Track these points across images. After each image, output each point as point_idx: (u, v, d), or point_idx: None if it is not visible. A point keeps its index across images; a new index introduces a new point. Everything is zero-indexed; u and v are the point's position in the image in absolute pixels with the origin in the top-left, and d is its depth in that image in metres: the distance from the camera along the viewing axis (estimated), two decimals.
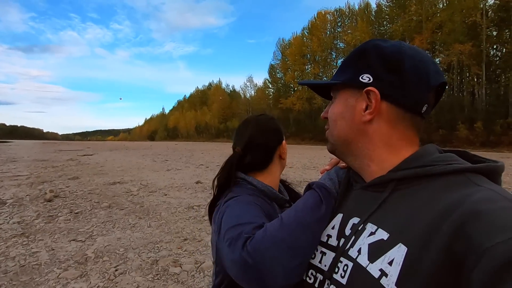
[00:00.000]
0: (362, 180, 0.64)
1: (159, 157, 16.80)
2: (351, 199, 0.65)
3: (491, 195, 0.44)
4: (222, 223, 0.71)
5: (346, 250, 0.55)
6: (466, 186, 0.48)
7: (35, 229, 3.99)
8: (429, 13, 29.56)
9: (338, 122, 0.62)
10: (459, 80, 30.75)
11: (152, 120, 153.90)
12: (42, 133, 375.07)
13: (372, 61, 0.58)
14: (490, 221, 0.39)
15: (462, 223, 0.41)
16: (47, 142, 64.17)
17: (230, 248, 0.62)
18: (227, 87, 77.77)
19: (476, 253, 0.37)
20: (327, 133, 0.66)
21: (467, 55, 25.67)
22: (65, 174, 9.19)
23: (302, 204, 0.64)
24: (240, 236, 0.62)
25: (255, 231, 0.62)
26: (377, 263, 0.49)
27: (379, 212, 0.55)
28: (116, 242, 3.55)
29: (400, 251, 0.46)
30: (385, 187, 0.57)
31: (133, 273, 2.80)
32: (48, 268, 2.86)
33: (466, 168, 0.51)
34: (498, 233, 0.37)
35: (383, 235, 0.51)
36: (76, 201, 5.64)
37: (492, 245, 0.36)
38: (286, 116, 46.01)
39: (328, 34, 42.69)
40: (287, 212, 0.64)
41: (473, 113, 25.85)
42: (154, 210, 5.03)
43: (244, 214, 0.70)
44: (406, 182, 0.55)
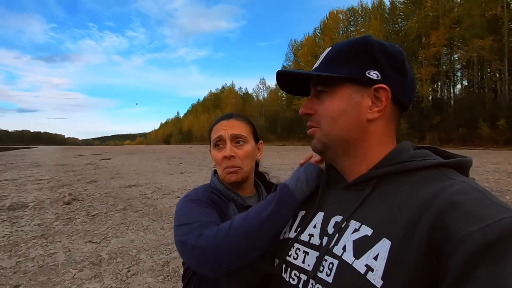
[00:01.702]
0: (343, 179, 0.64)
1: (174, 160, 17.09)
2: (332, 198, 0.65)
3: (464, 187, 0.46)
4: (174, 220, 0.80)
5: (330, 248, 0.55)
6: (441, 180, 0.50)
7: (53, 231, 4.15)
8: (446, 8, 28.58)
9: (339, 120, 0.58)
10: (479, 76, 29.54)
11: (167, 124, 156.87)
12: (64, 139, 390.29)
13: (378, 57, 0.57)
14: (465, 211, 0.42)
15: (440, 214, 0.44)
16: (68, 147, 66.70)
17: (181, 244, 0.70)
18: (240, 90, 78.31)
19: (453, 242, 0.40)
20: (318, 132, 0.61)
21: (488, 50, 24.57)
22: (83, 178, 9.50)
23: (255, 212, 0.67)
24: (188, 235, 0.69)
25: (203, 230, 0.68)
26: (362, 259, 0.49)
27: (361, 209, 0.56)
28: (129, 244, 3.64)
29: (384, 245, 0.48)
30: (366, 184, 0.58)
31: (144, 274, 2.85)
32: (64, 269, 2.96)
33: (440, 163, 0.54)
34: (472, 222, 0.40)
35: (367, 231, 0.51)
36: (93, 203, 5.82)
37: (468, 233, 0.39)
38: (299, 117, 45.52)
39: (341, 33, 42.11)
40: (238, 218, 0.67)
41: (495, 110, 24.68)
42: (167, 212, 5.11)
43: (192, 213, 0.76)
44: (387, 178, 0.56)
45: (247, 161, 0.89)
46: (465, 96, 29.56)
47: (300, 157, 0.94)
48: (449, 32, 28.32)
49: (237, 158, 0.87)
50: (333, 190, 0.66)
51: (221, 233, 0.65)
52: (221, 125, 0.92)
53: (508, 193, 5.57)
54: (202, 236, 0.66)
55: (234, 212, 0.85)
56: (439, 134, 26.48)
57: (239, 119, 0.94)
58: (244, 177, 0.89)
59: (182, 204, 0.83)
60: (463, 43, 27.91)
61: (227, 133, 0.89)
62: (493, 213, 0.40)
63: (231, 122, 0.92)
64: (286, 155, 18.36)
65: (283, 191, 0.68)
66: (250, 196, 0.95)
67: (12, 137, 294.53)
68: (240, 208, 0.87)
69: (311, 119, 0.62)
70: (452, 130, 25.94)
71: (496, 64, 25.55)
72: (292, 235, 0.67)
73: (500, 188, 6.02)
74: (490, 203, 0.42)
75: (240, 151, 0.88)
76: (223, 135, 0.89)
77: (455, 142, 24.74)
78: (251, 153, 0.91)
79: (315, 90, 0.62)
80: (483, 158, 12.51)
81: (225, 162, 0.88)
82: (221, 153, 0.88)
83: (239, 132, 0.89)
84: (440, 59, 30.85)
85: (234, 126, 0.90)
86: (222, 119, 0.94)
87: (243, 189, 0.93)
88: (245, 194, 0.94)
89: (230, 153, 0.87)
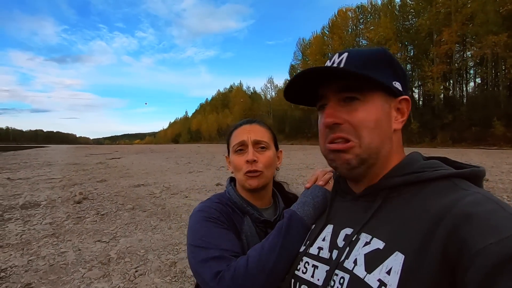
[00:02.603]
0: (352, 191, 0.63)
1: (182, 159, 17.23)
2: (341, 210, 0.64)
3: (478, 198, 0.45)
4: (188, 234, 0.80)
5: (341, 262, 0.54)
6: (454, 191, 0.49)
7: (64, 230, 4.22)
8: (458, 4, 27.89)
9: (377, 131, 0.55)
10: (493, 73, 28.76)
11: (176, 124, 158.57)
12: (75, 138, 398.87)
13: (399, 70, 0.59)
14: (480, 223, 0.41)
15: (454, 226, 0.43)
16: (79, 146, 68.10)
17: (200, 270, 0.70)
18: (248, 89, 78.43)
19: (469, 255, 0.39)
20: (356, 146, 0.54)
21: (503, 46, 23.88)
22: (94, 177, 9.66)
23: (268, 246, 0.67)
24: (204, 268, 0.69)
25: (219, 266, 0.68)
26: (375, 273, 0.48)
27: (372, 221, 0.54)
28: (137, 244, 3.67)
29: (398, 259, 0.46)
30: (376, 195, 0.56)
31: (152, 274, 2.87)
32: (74, 268, 3.00)
33: (452, 173, 0.52)
34: (489, 235, 0.39)
35: (379, 244, 0.50)
36: (102, 203, 5.91)
37: (484, 246, 0.38)
38: (307, 116, 45.47)
39: (350, 31, 41.67)
40: (254, 256, 0.67)
41: (510, 108, 24.01)
42: (175, 212, 5.14)
43: (206, 236, 0.75)
44: (397, 190, 0.54)
45: (268, 168, 0.87)
46: (478, 94, 28.82)
47: (309, 156, 0.91)
48: (462, 28, 27.65)
49: (259, 163, 0.85)
50: (342, 202, 0.65)
51: (239, 275, 0.65)
52: (243, 129, 0.89)
53: None
54: (219, 277, 0.66)
55: (250, 227, 0.84)
56: (451, 133, 25.92)
57: (261, 125, 0.93)
58: (264, 184, 0.87)
59: (196, 220, 0.81)
60: (476, 40, 27.20)
61: (250, 138, 0.86)
62: (510, 225, 0.39)
63: (254, 127, 0.90)
64: (295, 154, 18.27)
65: (291, 219, 0.69)
66: (267, 208, 0.92)
67: (26, 136, 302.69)
68: (256, 223, 0.85)
69: (340, 130, 0.55)
70: (464, 129, 25.35)
71: (511, 61, 24.81)
72: (301, 249, 0.66)
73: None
74: (507, 214, 0.41)
75: (262, 156, 0.86)
76: (246, 140, 0.86)
77: (468, 141, 24.17)
78: (273, 160, 0.89)
79: (339, 97, 0.56)
80: (497, 158, 12.17)
81: (246, 167, 0.85)
82: (243, 158, 0.85)
83: (262, 138, 0.87)
84: (452, 57, 30.16)
85: (257, 132, 0.88)
86: (244, 123, 0.92)
87: (260, 199, 0.91)
88: (262, 205, 0.91)
89: (253, 157, 0.84)
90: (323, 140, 0.59)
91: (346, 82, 0.55)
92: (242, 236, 0.82)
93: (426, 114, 29.91)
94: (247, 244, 0.80)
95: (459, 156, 13.24)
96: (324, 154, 0.60)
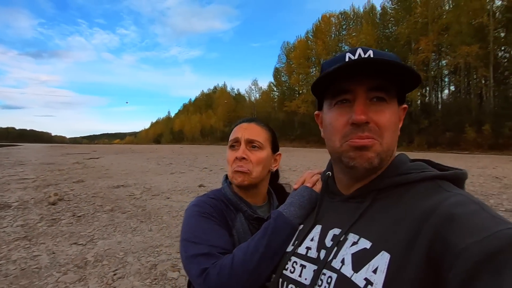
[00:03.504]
0: (340, 192, 0.65)
1: (164, 160, 16.89)
2: (330, 211, 0.65)
3: (461, 199, 0.47)
4: (182, 228, 0.82)
5: (329, 261, 0.55)
6: (438, 192, 0.51)
7: (37, 232, 4.02)
8: (435, 15, 29.27)
9: (395, 134, 0.58)
10: (466, 82, 30.32)
11: (158, 124, 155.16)
12: (51, 137, 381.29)
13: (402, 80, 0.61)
14: (463, 223, 0.42)
15: (439, 226, 0.44)
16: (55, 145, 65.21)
17: (188, 266, 0.73)
18: (232, 90, 78.03)
19: (452, 254, 0.40)
20: (378, 146, 0.55)
21: (474, 57, 25.28)
22: (70, 177, 9.28)
23: (254, 246, 0.69)
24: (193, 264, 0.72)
25: (206, 263, 0.70)
26: (361, 273, 0.49)
27: (360, 222, 0.56)
28: (116, 246, 3.56)
29: (384, 259, 0.47)
30: (365, 197, 0.58)
31: (131, 277, 2.79)
32: (47, 272, 2.87)
33: (437, 175, 0.55)
34: (471, 234, 0.40)
35: (366, 244, 0.51)
36: (79, 204, 5.68)
37: (466, 245, 0.39)
38: (291, 119, 45.98)
39: (333, 37, 42.60)
40: (239, 255, 0.69)
41: (481, 115, 25.41)
42: (156, 213, 5.03)
43: (198, 232, 0.77)
44: (386, 191, 0.56)
45: (258, 167, 0.87)
46: (452, 101, 30.25)
47: (292, 158, 0.93)
48: (438, 38, 29.02)
49: (248, 161, 0.86)
50: (331, 203, 0.66)
51: (224, 273, 0.66)
52: (240, 127, 0.91)
53: (492, 197, 5.72)
54: (205, 274, 0.68)
55: (242, 224, 0.85)
56: (427, 138, 27.04)
57: (259, 124, 0.93)
58: (251, 183, 0.87)
59: (190, 214, 0.82)
60: (450, 50, 28.63)
61: (243, 135, 0.88)
62: (490, 225, 0.40)
63: (251, 125, 0.92)
64: None
65: (277, 219, 0.71)
66: (261, 206, 0.93)
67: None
68: (249, 220, 0.86)
69: (368, 129, 0.54)
70: (439, 134, 26.55)
71: (482, 71, 26.33)
72: (289, 248, 0.67)
73: (485, 192, 6.18)
74: (487, 215, 0.43)
75: (253, 155, 0.87)
76: (240, 137, 0.88)
77: (443, 146, 25.32)
78: (264, 161, 0.89)
79: (368, 96, 0.55)
80: (468, 162, 12.81)
81: (235, 163, 0.87)
82: (234, 154, 0.88)
83: (255, 138, 0.88)
84: (429, 65, 31.54)
85: (252, 130, 0.90)
86: (243, 121, 0.94)
87: (253, 197, 0.92)
88: (256, 203, 0.92)
89: (242, 155, 0.86)
90: (340, 136, 0.56)
91: (380, 81, 0.55)
92: (233, 232, 0.83)
93: (404, 119, 30.88)
94: (238, 240, 0.81)
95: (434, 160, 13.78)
96: (338, 151, 0.57)
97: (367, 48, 0.57)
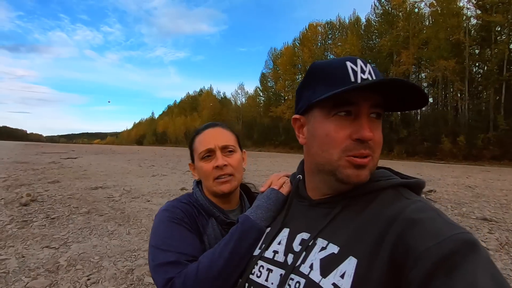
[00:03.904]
0: (309, 197, 0.65)
1: (146, 162, 16.51)
2: (298, 215, 0.65)
3: (421, 206, 0.50)
4: (151, 234, 0.80)
5: (297, 266, 0.55)
6: (400, 199, 0.54)
7: (6, 235, 3.81)
8: (415, 29, 30.57)
9: (381, 148, 0.58)
10: (443, 94, 31.75)
11: (141, 125, 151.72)
12: (26, 134, 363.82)
13: None
14: (423, 228, 0.45)
15: (401, 231, 0.47)
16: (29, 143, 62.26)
17: (154, 275, 0.72)
18: (218, 93, 77.79)
19: (413, 257, 0.43)
20: (371, 162, 0.56)
21: (451, 71, 26.58)
22: (45, 178, 8.88)
23: (219, 251, 0.68)
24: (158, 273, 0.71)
25: (172, 272, 0.68)
26: (329, 278, 0.49)
27: (329, 227, 0.56)
28: (91, 250, 3.43)
29: (351, 264, 0.49)
30: (336, 203, 0.59)
31: (106, 282, 2.69)
32: (16, 277, 2.72)
33: (400, 183, 0.57)
34: (429, 239, 0.43)
35: (334, 249, 0.52)
36: (54, 206, 5.44)
37: (425, 248, 0.42)
38: (275, 124, 46.26)
39: (319, 45, 43.53)
40: (204, 262, 0.68)
41: (456, 127, 26.66)
42: (135, 216, 4.90)
43: (167, 238, 0.76)
44: (356, 198, 0.58)
45: (238, 170, 0.87)
46: (430, 112, 31.51)
47: (275, 163, 0.93)
48: (418, 52, 30.29)
49: (229, 166, 0.84)
50: (300, 207, 0.66)
51: (189, 282, 0.65)
52: (207, 135, 0.87)
53: (465, 205, 5.97)
54: (170, 283, 0.67)
55: (214, 230, 0.84)
56: (406, 147, 27.98)
57: (225, 127, 0.91)
58: (236, 186, 0.87)
59: (160, 220, 0.81)
60: (429, 63, 29.94)
61: (217, 143, 0.85)
62: (446, 230, 0.44)
63: (218, 130, 0.89)
64: (262, 161, 18.44)
65: (244, 224, 0.71)
66: (234, 210, 0.92)
67: None
68: (222, 225, 0.85)
69: (369, 146, 0.54)
70: (418, 143, 27.55)
71: (458, 85, 27.68)
72: (256, 252, 0.66)
73: (458, 200, 6.45)
74: (443, 220, 0.47)
75: (231, 159, 0.86)
76: (213, 147, 0.85)
77: (421, 155, 26.27)
78: (241, 162, 0.89)
79: (369, 111, 0.55)
80: (444, 172, 13.36)
81: (215, 172, 0.84)
82: (211, 164, 0.84)
83: (228, 142, 0.87)
84: (409, 77, 32.78)
85: (223, 137, 0.87)
86: (207, 127, 0.90)
87: (228, 201, 0.90)
88: (229, 207, 0.91)
89: (224, 162, 0.83)
90: (339, 150, 0.54)
91: (382, 98, 0.55)
92: (204, 238, 0.82)
93: (384, 128, 31.27)
94: (209, 246, 0.79)
95: (413, 169, 14.33)
96: (335, 165, 0.55)
97: (364, 60, 0.57)
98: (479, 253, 0.41)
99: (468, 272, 0.39)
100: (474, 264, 0.40)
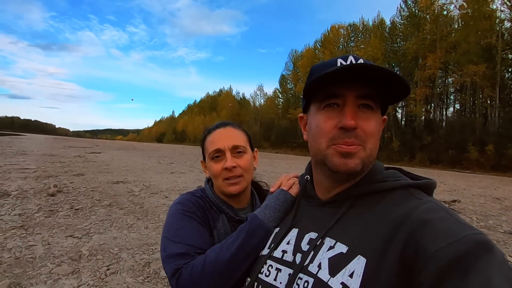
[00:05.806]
0: (317, 197, 0.66)
1: (165, 159, 16.92)
2: (306, 215, 0.66)
3: (432, 206, 0.50)
4: (164, 225, 0.82)
5: (305, 266, 0.55)
6: (411, 199, 0.53)
7: (34, 222, 4.04)
8: (443, 32, 29.41)
9: (376, 141, 0.59)
10: (471, 101, 30.29)
11: (161, 123, 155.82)
12: (54, 129, 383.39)
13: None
14: (434, 228, 0.45)
15: (412, 231, 0.46)
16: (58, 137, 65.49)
17: (164, 265, 0.75)
18: (237, 94, 78.49)
19: (424, 257, 0.42)
20: (362, 152, 0.56)
21: (481, 76, 25.32)
22: (71, 170, 9.31)
23: (227, 247, 0.69)
24: (168, 263, 0.73)
25: (181, 263, 0.71)
26: (338, 277, 0.50)
27: (337, 226, 0.57)
28: (111, 241, 3.56)
29: (360, 263, 0.49)
30: (343, 202, 0.59)
31: (124, 273, 2.79)
32: (41, 262, 2.87)
33: (410, 184, 0.57)
34: (441, 239, 0.43)
35: (342, 248, 0.52)
36: (78, 197, 5.70)
37: (437, 249, 0.42)
38: (294, 126, 45.92)
39: (341, 48, 42.84)
40: (211, 256, 0.69)
41: (484, 135, 25.31)
42: (153, 211, 5.04)
43: (179, 230, 0.78)
44: (362, 197, 0.58)
45: (248, 171, 0.87)
46: (456, 119, 30.20)
47: (292, 165, 0.92)
48: (445, 56, 29.11)
49: (238, 167, 0.84)
50: (308, 208, 0.67)
51: (195, 274, 0.67)
52: (217, 135, 0.87)
53: (492, 218, 5.67)
54: (178, 274, 0.69)
55: (224, 225, 0.85)
56: (429, 154, 26.92)
57: (236, 127, 0.90)
58: (245, 187, 0.87)
59: (173, 212, 0.83)
60: (457, 68, 28.68)
61: (227, 144, 0.84)
62: (458, 231, 0.43)
63: (228, 130, 0.88)
64: (279, 163, 18.37)
65: (252, 222, 0.71)
66: (244, 208, 0.92)
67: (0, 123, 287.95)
68: (232, 221, 0.86)
69: (355, 135, 0.55)
70: (442, 151, 26.42)
71: (488, 91, 26.31)
72: (265, 251, 0.67)
73: (484, 212, 6.13)
74: (455, 220, 0.46)
75: (241, 161, 0.85)
76: (223, 148, 0.84)
77: (445, 163, 25.16)
78: (251, 162, 0.89)
79: (357, 102, 0.56)
80: (470, 182, 12.73)
81: (225, 173, 0.84)
82: (221, 164, 0.84)
83: (238, 143, 0.86)
84: (435, 81, 31.58)
85: (233, 137, 0.87)
86: (218, 127, 0.89)
87: (239, 200, 0.91)
88: (240, 206, 0.91)
89: (233, 164, 0.83)
90: (327, 139, 0.57)
91: (369, 90, 0.56)
92: (214, 233, 0.83)
93: (407, 134, 30.99)
94: (219, 241, 0.80)
95: (436, 177, 13.73)
96: (324, 154, 0.57)
97: (358, 57, 0.59)
98: (493, 254, 0.41)
99: (482, 273, 0.38)
100: (488, 265, 0.39)
